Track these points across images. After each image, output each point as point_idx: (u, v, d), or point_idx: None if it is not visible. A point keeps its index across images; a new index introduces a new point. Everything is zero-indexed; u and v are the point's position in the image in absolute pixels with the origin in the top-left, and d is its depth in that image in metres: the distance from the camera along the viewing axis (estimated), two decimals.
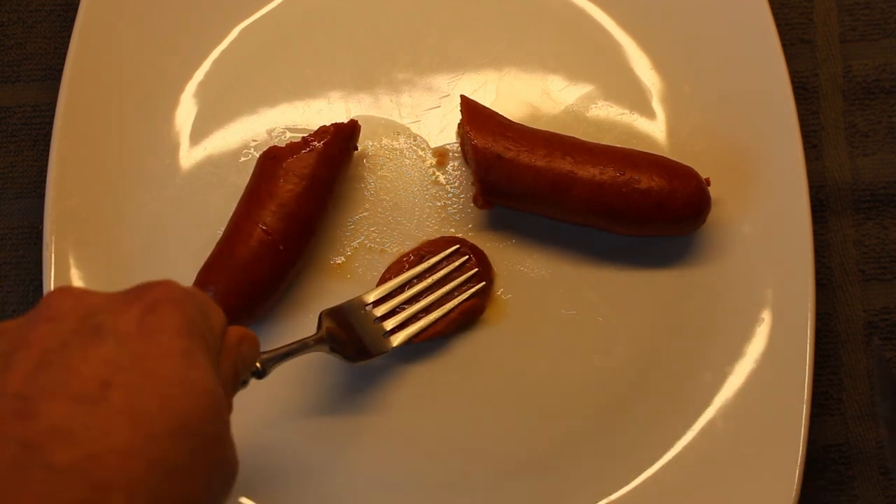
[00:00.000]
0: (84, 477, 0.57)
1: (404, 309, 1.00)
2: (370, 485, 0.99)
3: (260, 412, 0.99)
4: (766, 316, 1.00)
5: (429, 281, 1.01)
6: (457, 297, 1.01)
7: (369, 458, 0.99)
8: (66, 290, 0.67)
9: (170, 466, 0.60)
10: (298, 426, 1.00)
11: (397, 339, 0.99)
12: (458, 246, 1.03)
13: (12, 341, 0.63)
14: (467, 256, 1.02)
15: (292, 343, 0.91)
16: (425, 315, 1.00)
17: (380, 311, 0.99)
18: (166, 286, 0.68)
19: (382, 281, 1.02)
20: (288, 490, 0.98)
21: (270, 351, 0.87)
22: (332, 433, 1.00)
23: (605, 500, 0.97)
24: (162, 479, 0.59)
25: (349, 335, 0.97)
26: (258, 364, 0.82)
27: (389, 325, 0.99)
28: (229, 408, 0.72)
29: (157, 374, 0.62)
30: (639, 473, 0.98)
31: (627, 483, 0.97)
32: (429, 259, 1.02)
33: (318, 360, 1.00)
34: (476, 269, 1.02)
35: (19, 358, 0.61)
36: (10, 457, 0.57)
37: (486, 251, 1.04)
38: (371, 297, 1.00)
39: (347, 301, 0.99)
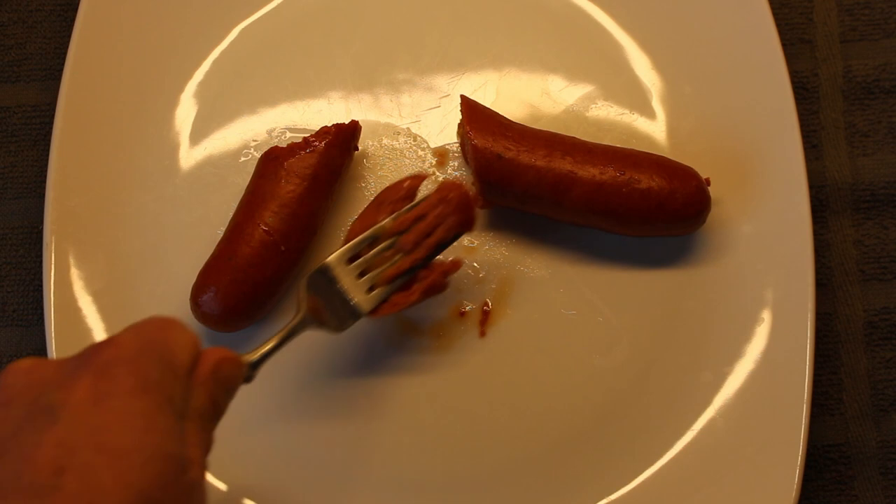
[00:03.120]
0: None
1: (376, 266, 0.94)
2: (369, 484, 0.99)
3: (258, 413, 0.99)
4: (766, 316, 1.00)
5: (393, 239, 0.95)
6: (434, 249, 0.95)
7: (368, 458, 0.99)
8: (17, 369, 0.67)
9: None
10: (296, 425, 1.00)
11: (370, 301, 0.93)
12: (425, 196, 0.95)
13: None
14: (442, 205, 0.95)
15: (275, 335, 0.86)
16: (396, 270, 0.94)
17: (352, 269, 0.93)
18: (117, 345, 0.67)
19: (349, 237, 0.96)
20: (288, 490, 0.98)
21: (255, 350, 0.83)
22: (331, 431, 1.00)
23: (605, 500, 0.97)
24: None
25: (327, 305, 0.92)
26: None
27: (366, 283, 0.93)
28: (207, 447, 0.71)
29: (111, 446, 0.62)
30: (639, 473, 0.98)
31: (627, 483, 0.97)
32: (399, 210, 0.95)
33: (315, 357, 1.00)
34: (456, 226, 0.95)
35: None
36: None
37: (485, 252, 1.04)
38: (334, 259, 0.93)
39: (316, 269, 0.92)
